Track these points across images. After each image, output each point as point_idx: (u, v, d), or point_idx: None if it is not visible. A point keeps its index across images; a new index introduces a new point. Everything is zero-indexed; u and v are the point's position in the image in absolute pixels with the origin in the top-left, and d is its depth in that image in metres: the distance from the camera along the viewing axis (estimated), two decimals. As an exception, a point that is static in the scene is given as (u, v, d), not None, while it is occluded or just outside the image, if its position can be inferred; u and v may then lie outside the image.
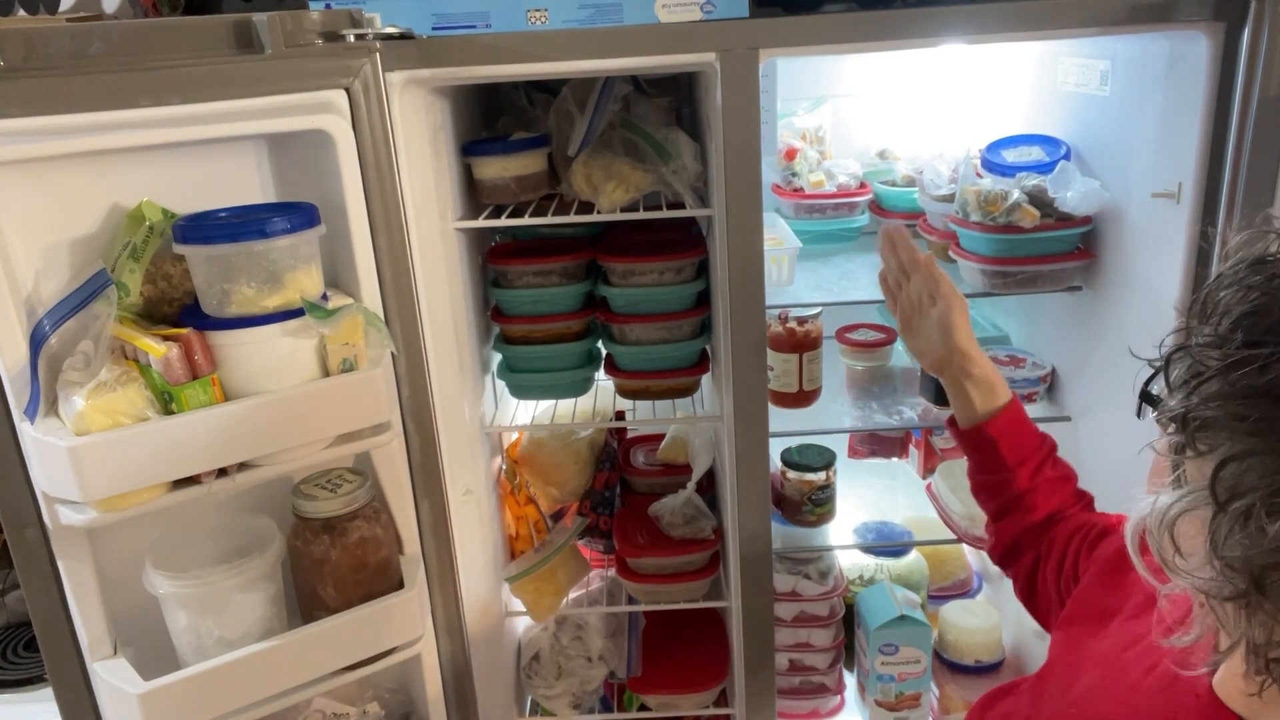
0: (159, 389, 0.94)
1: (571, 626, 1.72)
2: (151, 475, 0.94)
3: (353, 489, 1.09)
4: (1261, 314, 0.58)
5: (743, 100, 1.20)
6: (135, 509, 0.94)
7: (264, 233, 0.96)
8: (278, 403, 1.00)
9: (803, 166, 1.78)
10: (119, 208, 0.99)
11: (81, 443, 0.88)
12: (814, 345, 1.62)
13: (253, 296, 0.98)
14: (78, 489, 0.90)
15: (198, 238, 0.96)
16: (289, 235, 0.97)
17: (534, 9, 1.28)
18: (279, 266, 0.98)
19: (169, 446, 0.94)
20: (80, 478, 0.89)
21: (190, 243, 0.96)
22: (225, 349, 0.99)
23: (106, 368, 0.91)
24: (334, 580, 1.08)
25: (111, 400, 0.90)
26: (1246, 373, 0.57)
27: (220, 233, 0.96)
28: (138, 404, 0.92)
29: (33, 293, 0.95)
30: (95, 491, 0.91)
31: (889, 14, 1.21)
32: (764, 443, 1.38)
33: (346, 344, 1.04)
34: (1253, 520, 0.55)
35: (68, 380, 0.92)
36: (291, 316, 1.00)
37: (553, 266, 1.50)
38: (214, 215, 1.00)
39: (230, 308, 0.98)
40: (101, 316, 0.91)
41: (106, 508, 0.93)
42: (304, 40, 1.04)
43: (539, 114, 1.58)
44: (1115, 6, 1.16)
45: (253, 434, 0.99)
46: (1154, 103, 1.31)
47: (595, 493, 1.76)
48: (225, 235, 0.95)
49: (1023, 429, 1.08)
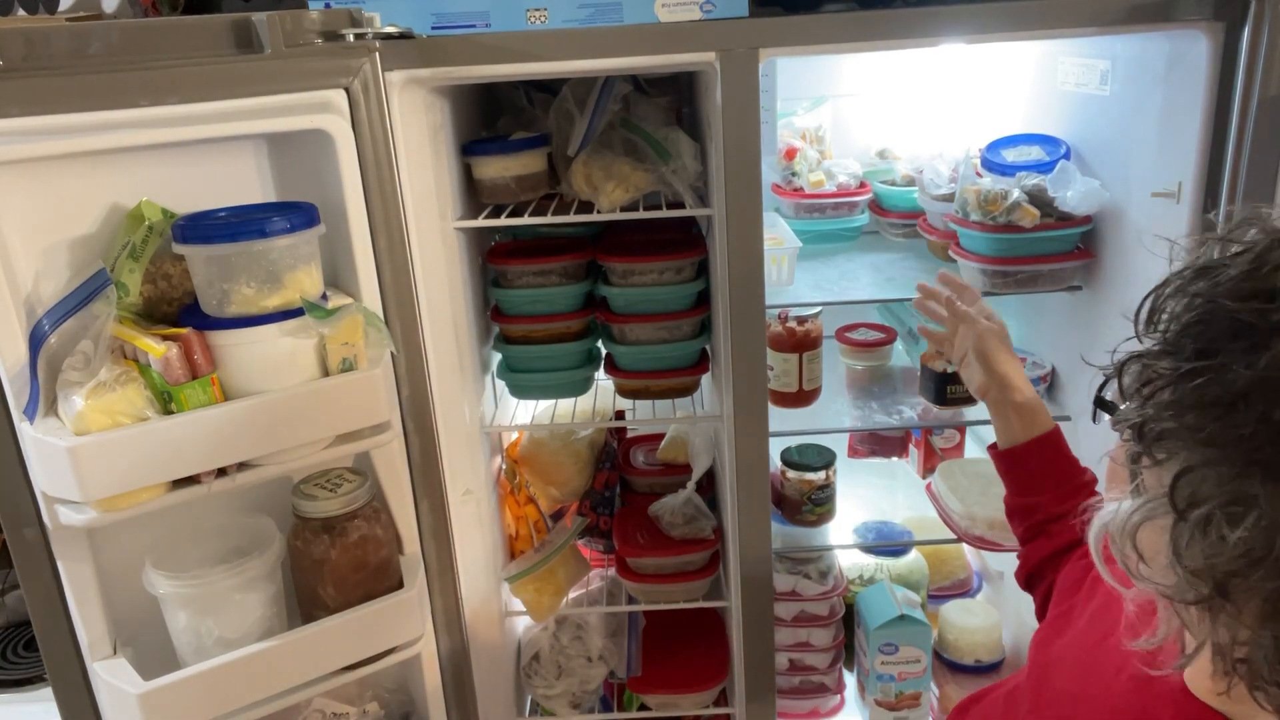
0: (159, 389, 0.94)
1: (571, 626, 1.72)
2: (151, 475, 0.94)
3: (353, 489, 1.09)
4: (1207, 322, 0.59)
5: (743, 100, 1.20)
6: (135, 509, 0.94)
7: (264, 232, 0.96)
8: (278, 402, 1.00)
9: (803, 166, 1.78)
10: (118, 207, 0.99)
11: (81, 442, 0.88)
12: (814, 345, 1.62)
13: (252, 296, 0.97)
14: (77, 489, 0.90)
15: (197, 237, 0.96)
16: (289, 235, 0.97)
17: (534, 9, 1.28)
18: (279, 266, 0.98)
19: (169, 446, 0.94)
20: (80, 477, 0.89)
21: (190, 242, 0.96)
22: (225, 349, 0.99)
23: (106, 367, 0.91)
24: (334, 580, 1.08)
25: (111, 400, 0.90)
26: (1200, 384, 0.57)
27: (220, 232, 0.96)
28: (137, 404, 0.92)
29: (32, 292, 0.95)
30: (95, 491, 0.91)
31: (889, 14, 1.21)
32: (764, 443, 1.38)
33: (346, 344, 1.03)
34: (1212, 528, 0.56)
35: (67, 380, 0.91)
36: (291, 316, 1.00)
37: (553, 266, 1.50)
38: (213, 215, 1.00)
39: (230, 307, 0.98)
40: (101, 316, 0.91)
41: (106, 507, 0.93)
42: (303, 40, 1.04)
43: (539, 114, 1.58)
44: (1115, 6, 1.16)
45: (253, 434, 0.99)
46: (1154, 102, 1.31)
47: (595, 493, 1.76)
48: (225, 235, 0.96)
49: (1060, 457, 1.09)
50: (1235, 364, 0.56)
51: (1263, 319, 0.56)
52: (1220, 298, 0.58)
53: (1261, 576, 0.55)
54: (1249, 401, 0.55)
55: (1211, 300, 0.59)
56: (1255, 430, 0.55)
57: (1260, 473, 0.55)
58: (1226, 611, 0.58)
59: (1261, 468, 0.55)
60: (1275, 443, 0.54)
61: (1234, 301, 0.58)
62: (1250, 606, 0.57)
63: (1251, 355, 0.55)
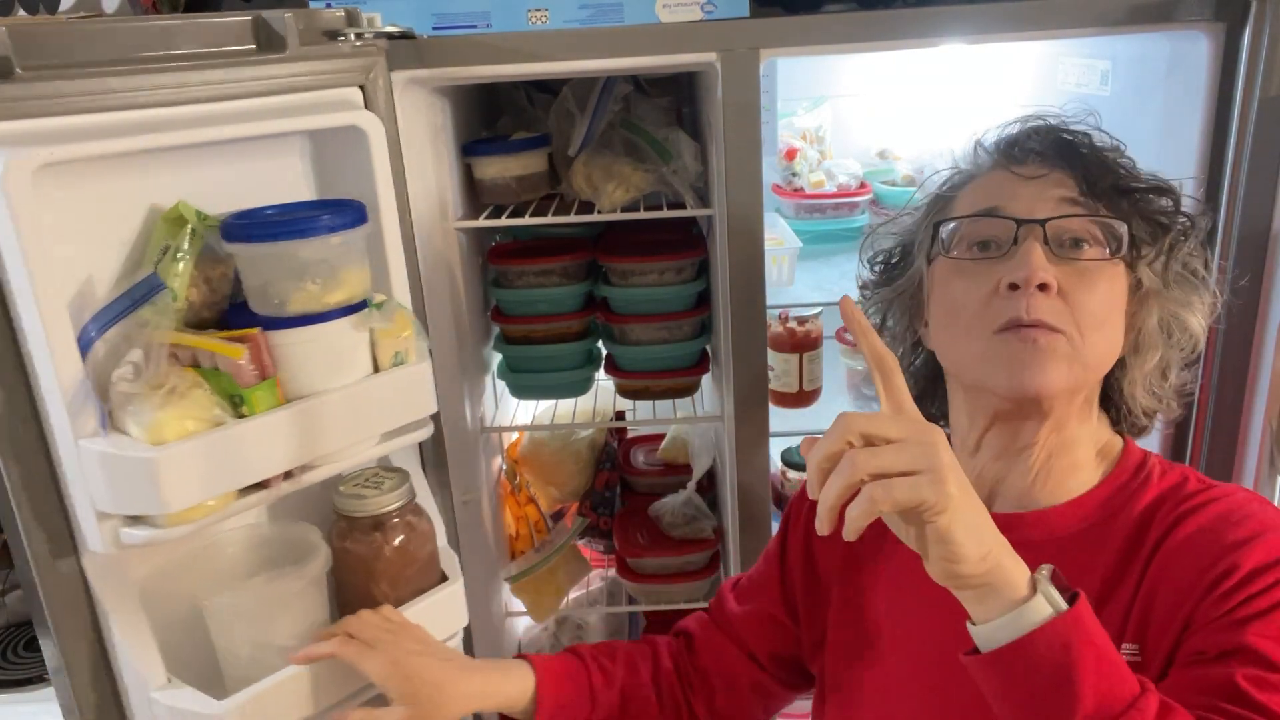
0: (227, 392, 0.90)
1: (571, 626, 1.72)
2: (229, 481, 0.90)
3: (396, 484, 1.07)
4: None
5: (743, 100, 1.20)
6: (209, 518, 0.90)
7: (332, 228, 0.93)
8: (343, 399, 0.98)
9: (803, 166, 1.78)
10: (154, 209, 0.95)
11: (167, 453, 0.84)
12: (814, 345, 1.62)
13: (317, 293, 0.94)
14: (159, 500, 0.85)
15: (264, 235, 0.93)
16: (347, 231, 0.95)
17: (534, 9, 1.28)
18: (339, 262, 0.96)
19: (246, 450, 0.91)
20: (164, 488, 0.84)
21: (256, 240, 0.93)
22: (285, 348, 0.95)
23: (175, 374, 0.88)
24: (388, 577, 1.06)
25: (185, 407, 0.87)
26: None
27: (289, 229, 0.93)
28: (210, 409, 0.89)
29: (74, 299, 0.90)
30: (179, 501, 0.86)
31: (889, 14, 1.21)
32: (764, 443, 1.38)
33: (400, 337, 1.02)
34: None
35: (125, 391, 0.87)
36: (348, 313, 0.97)
37: (553, 266, 1.50)
38: (260, 213, 0.98)
39: (291, 306, 0.94)
40: (152, 323, 0.87)
41: (181, 519, 0.88)
42: (313, 39, 1.04)
43: (539, 114, 1.58)
44: (1115, 6, 1.16)
45: (321, 432, 0.97)
46: (1155, 103, 1.31)
47: (595, 493, 1.76)
48: (295, 231, 0.93)
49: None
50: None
51: None
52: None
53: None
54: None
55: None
56: None
57: None
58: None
59: None
60: None
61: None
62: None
63: None
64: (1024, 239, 0.82)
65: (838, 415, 0.64)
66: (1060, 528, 0.84)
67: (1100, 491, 0.85)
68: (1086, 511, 0.84)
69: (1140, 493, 0.83)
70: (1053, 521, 0.84)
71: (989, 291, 0.82)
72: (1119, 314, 0.84)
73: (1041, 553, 0.71)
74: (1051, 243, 0.81)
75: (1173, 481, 0.83)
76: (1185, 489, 0.82)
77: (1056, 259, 0.81)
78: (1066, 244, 0.82)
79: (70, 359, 0.85)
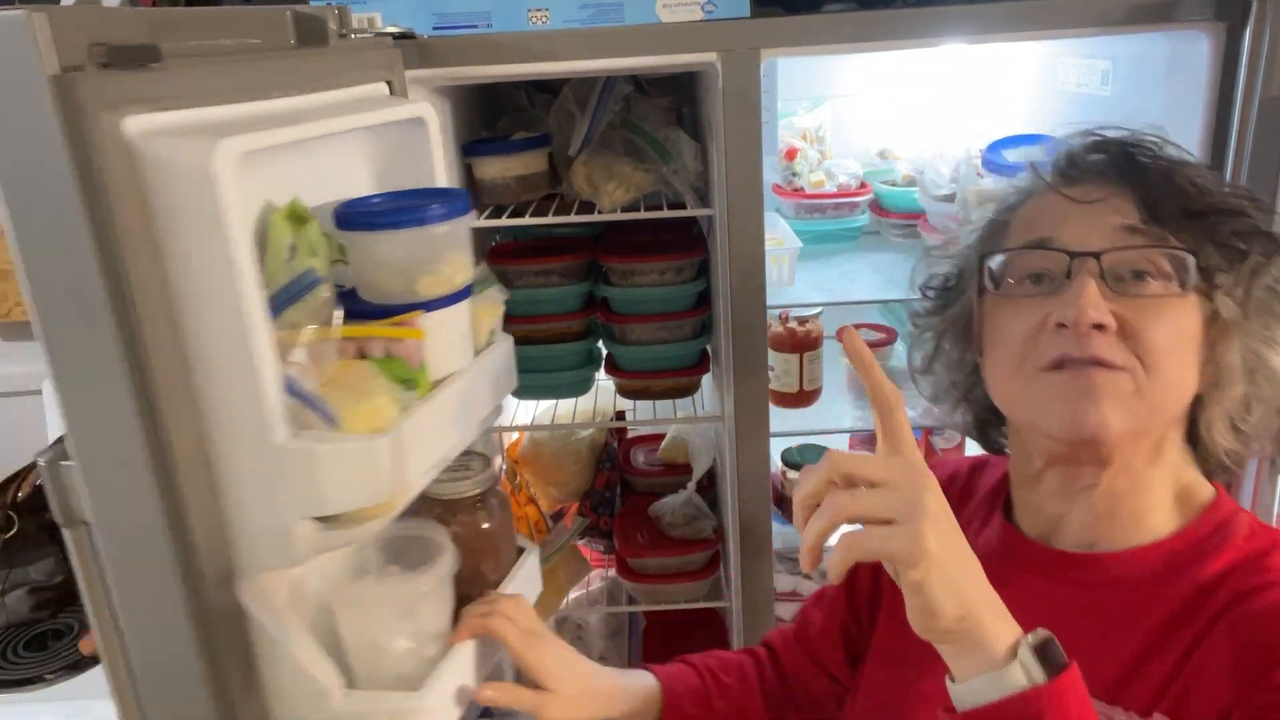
0: (400, 378, 0.88)
1: (572, 626, 1.72)
2: (428, 462, 0.89)
3: (482, 465, 1.08)
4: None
5: (743, 100, 1.20)
6: (398, 507, 0.88)
7: (462, 210, 0.94)
8: (478, 375, 0.98)
9: (803, 166, 1.78)
10: (268, 206, 0.89)
11: (387, 439, 0.81)
12: (814, 345, 1.62)
13: (449, 275, 0.94)
14: (384, 490, 0.82)
15: (410, 221, 0.92)
16: (462, 216, 0.95)
17: (535, 9, 1.28)
18: (458, 245, 0.96)
19: (442, 428, 0.90)
20: (388, 476, 0.82)
21: (403, 227, 0.92)
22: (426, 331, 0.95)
23: (353, 365, 0.86)
24: (491, 554, 1.06)
25: (377, 395, 0.85)
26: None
27: (431, 215, 0.92)
28: (397, 394, 0.87)
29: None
30: (401, 490, 0.85)
31: (889, 14, 1.21)
32: (764, 443, 1.38)
33: (494, 315, 1.02)
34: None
35: (310, 389, 0.82)
36: (465, 295, 0.97)
37: (553, 266, 1.50)
38: (369, 201, 0.97)
39: (420, 289, 0.93)
40: (319, 318, 0.84)
41: (376, 513, 0.85)
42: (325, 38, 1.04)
43: (539, 114, 1.58)
44: (1116, 6, 1.16)
45: (476, 407, 0.98)
46: (1155, 103, 1.31)
47: (595, 493, 1.76)
48: (437, 216, 0.92)
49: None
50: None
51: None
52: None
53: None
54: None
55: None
56: None
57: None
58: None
59: None
60: None
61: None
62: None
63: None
64: (1077, 272, 0.74)
65: (825, 453, 0.62)
66: (1120, 574, 0.77)
67: (1171, 543, 0.76)
68: (1151, 562, 0.76)
69: (1215, 553, 0.74)
70: (1112, 567, 0.77)
71: (1036, 326, 0.75)
72: (1192, 348, 0.75)
73: (1096, 595, 0.69)
74: (1109, 276, 0.73)
75: (1258, 547, 0.74)
76: (1270, 559, 0.72)
77: (1115, 294, 0.73)
78: (1127, 278, 0.74)
79: (271, 357, 0.79)
